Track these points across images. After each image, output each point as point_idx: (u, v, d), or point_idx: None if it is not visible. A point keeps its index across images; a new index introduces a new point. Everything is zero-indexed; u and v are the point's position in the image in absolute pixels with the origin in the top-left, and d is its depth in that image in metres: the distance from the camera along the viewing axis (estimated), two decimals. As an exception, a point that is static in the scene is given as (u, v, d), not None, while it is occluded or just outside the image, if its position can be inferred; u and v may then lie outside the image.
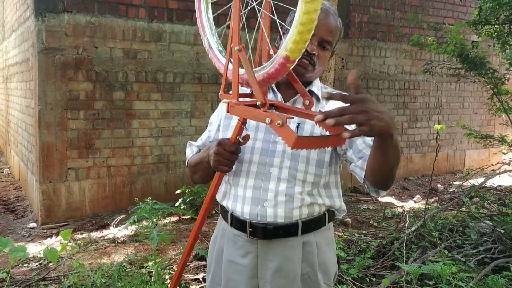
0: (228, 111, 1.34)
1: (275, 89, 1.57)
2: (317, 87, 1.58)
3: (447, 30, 5.00)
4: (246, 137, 1.42)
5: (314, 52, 1.47)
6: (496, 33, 4.56)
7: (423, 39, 5.50)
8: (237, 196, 1.54)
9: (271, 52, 1.34)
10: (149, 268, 3.49)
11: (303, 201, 1.49)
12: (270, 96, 1.56)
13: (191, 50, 5.41)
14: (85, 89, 4.90)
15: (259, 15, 1.31)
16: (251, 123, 1.50)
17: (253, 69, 1.30)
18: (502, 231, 3.89)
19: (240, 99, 1.32)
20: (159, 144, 5.39)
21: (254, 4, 1.30)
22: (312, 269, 1.54)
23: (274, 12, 1.31)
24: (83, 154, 4.94)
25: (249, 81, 1.26)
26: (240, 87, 1.33)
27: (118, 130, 5.12)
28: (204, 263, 3.55)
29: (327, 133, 1.22)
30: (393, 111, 7.30)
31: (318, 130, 1.49)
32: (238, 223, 1.53)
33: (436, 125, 4.07)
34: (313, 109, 1.52)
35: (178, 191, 5.05)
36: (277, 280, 1.50)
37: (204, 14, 1.53)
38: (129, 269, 3.37)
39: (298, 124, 1.51)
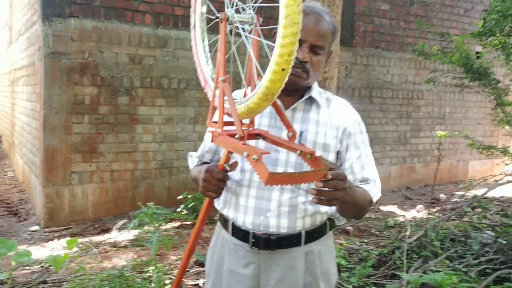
0: (212, 141, 1.36)
1: None
2: (316, 92, 1.57)
3: (452, 40, 5.01)
4: (234, 165, 1.42)
5: (306, 60, 1.46)
6: (500, 45, 4.56)
7: (428, 47, 5.51)
8: (239, 205, 1.52)
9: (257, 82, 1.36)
10: (150, 273, 3.50)
11: (306, 211, 1.48)
12: None
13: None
14: (90, 93, 4.93)
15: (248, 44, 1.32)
16: None
17: (240, 99, 1.31)
18: (504, 242, 3.87)
19: (229, 128, 1.33)
20: (163, 150, 5.41)
21: (244, 33, 1.31)
22: (314, 278, 1.52)
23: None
24: (86, 158, 4.97)
25: (232, 115, 1.28)
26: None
27: (122, 135, 5.15)
28: (204, 269, 3.55)
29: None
30: (397, 120, 7.30)
31: (321, 139, 1.50)
32: (240, 233, 1.51)
33: (439, 132, 4.08)
34: (314, 114, 1.53)
35: (180, 197, 5.05)
36: None
37: (200, 43, 1.53)
38: (130, 274, 3.37)
39: (301, 132, 1.49)
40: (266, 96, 1.18)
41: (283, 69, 1.12)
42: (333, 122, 1.54)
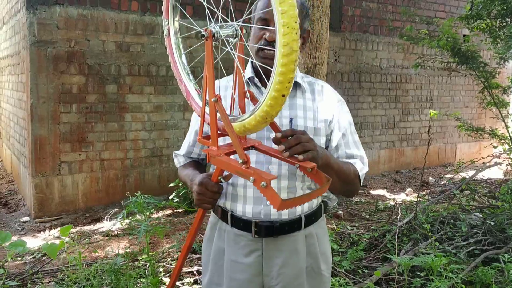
0: (208, 161, 1.35)
1: (260, 84, 1.54)
2: (299, 76, 1.57)
3: (439, 23, 5.02)
4: (228, 177, 1.42)
5: (273, 39, 1.38)
6: (488, 28, 4.58)
7: (415, 30, 5.52)
8: (237, 195, 1.52)
9: (248, 95, 1.35)
10: (142, 261, 3.51)
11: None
12: (254, 91, 1.50)
13: (184, 44, 5.38)
14: (78, 82, 4.88)
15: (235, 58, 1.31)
16: None
17: (233, 117, 1.30)
18: (492, 223, 3.94)
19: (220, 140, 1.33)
20: (152, 138, 5.39)
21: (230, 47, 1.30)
22: (315, 260, 1.56)
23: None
24: (76, 148, 4.93)
25: (229, 135, 1.27)
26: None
27: (111, 124, 5.11)
28: (197, 256, 3.57)
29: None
30: (385, 104, 7.34)
31: (311, 124, 1.52)
32: (241, 223, 1.52)
33: (431, 111, 4.10)
34: (300, 99, 1.55)
35: (171, 185, 5.05)
36: (283, 276, 1.50)
37: (178, 59, 1.55)
38: (122, 263, 3.37)
39: (291, 119, 1.51)
40: (265, 119, 1.20)
41: (283, 95, 1.14)
42: (320, 106, 1.56)
